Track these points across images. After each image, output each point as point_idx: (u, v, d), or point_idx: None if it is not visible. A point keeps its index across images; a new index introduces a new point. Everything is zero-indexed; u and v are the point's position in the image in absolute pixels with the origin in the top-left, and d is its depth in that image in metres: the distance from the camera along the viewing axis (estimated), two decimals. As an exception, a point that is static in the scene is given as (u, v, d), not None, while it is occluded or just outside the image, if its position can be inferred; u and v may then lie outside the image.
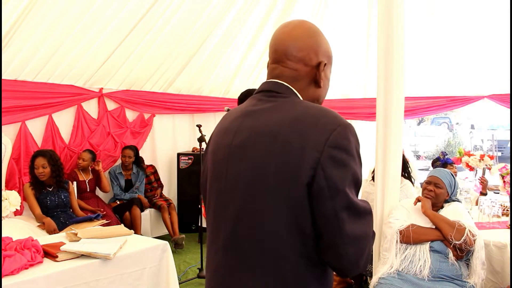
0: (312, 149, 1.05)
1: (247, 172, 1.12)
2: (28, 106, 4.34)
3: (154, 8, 4.28)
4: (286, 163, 1.06)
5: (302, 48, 1.20)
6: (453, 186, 2.90)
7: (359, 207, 1.08)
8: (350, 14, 5.76)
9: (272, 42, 1.25)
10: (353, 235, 1.06)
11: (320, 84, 1.23)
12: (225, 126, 1.23)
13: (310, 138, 1.06)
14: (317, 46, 1.22)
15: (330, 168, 1.04)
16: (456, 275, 2.58)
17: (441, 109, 6.90)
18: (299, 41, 1.21)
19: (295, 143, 1.06)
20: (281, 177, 1.06)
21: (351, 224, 1.06)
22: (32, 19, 3.65)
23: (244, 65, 6.20)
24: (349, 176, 1.06)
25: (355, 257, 1.08)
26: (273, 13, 5.44)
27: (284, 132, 1.08)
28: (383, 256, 2.81)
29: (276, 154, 1.07)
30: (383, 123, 2.96)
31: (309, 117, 1.09)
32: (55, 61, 4.29)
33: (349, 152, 1.06)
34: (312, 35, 1.23)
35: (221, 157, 1.20)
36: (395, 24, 2.86)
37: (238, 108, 1.27)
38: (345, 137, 1.06)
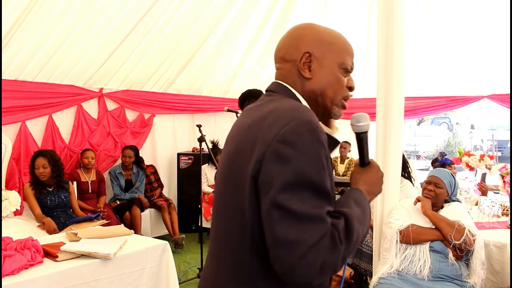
0: (262, 143, 1.02)
1: (223, 167, 1.16)
2: (28, 106, 4.34)
3: (154, 8, 4.28)
4: (242, 157, 1.07)
5: (281, 47, 1.23)
6: (453, 186, 2.90)
7: (296, 210, 0.96)
8: (350, 14, 5.76)
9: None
10: (285, 238, 0.96)
11: (305, 75, 1.18)
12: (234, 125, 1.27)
13: (263, 133, 1.03)
14: (298, 39, 1.20)
15: (270, 162, 1.00)
16: (456, 275, 2.58)
17: (441, 109, 6.92)
18: (280, 42, 1.25)
19: (253, 138, 1.05)
20: (236, 172, 1.08)
21: (283, 226, 0.96)
22: (32, 19, 3.65)
23: (244, 65, 6.21)
24: (289, 173, 0.97)
25: (288, 264, 0.96)
26: (273, 13, 5.45)
27: (252, 127, 1.08)
28: (383, 256, 2.81)
29: (241, 149, 1.08)
30: (383, 123, 2.96)
31: (275, 113, 1.06)
32: (55, 61, 4.29)
33: (297, 148, 0.98)
34: (293, 32, 1.23)
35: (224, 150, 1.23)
36: (395, 24, 2.86)
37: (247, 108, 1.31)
38: (296, 132, 1.00)
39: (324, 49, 1.19)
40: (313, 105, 1.18)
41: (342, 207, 1.07)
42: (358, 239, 1.06)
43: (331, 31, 1.23)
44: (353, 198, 1.13)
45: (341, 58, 1.20)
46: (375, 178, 1.26)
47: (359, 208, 1.09)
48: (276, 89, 1.21)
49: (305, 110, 1.07)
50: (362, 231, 1.09)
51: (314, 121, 1.03)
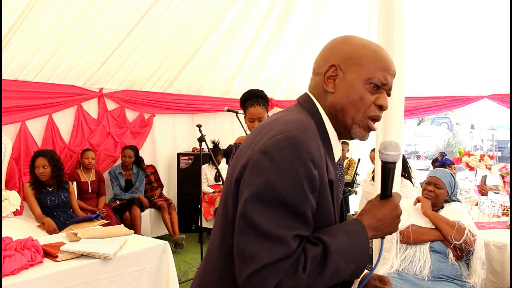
0: (251, 150, 1.02)
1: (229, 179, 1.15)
2: (28, 106, 4.34)
3: (154, 8, 4.28)
4: (239, 160, 1.07)
5: (316, 59, 1.20)
6: (453, 186, 2.90)
7: (259, 225, 0.93)
8: (350, 14, 5.76)
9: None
10: (243, 250, 0.95)
11: (328, 89, 1.13)
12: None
13: (257, 140, 1.03)
14: (329, 52, 1.16)
15: (248, 170, 0.99)
16: (456, 275, 2.58)
17: (441, 109, 6.92)
18: (321, 56, 1.20)
19: (250, 143, 1.07)
20: (231, 176, 1.08)
21: (244, 237, 0.95)
22: (32, 19, 3.65)
23: (244, 65, 6.21)
24: (260, 185, 0.95)
25: (242, 275, 0.94)
26: (273, 13, 5.45)
27: (253, 133, 1.10)
28: (383, 256, 2.81)
29: (240, 154, 1.10)
30: (383, 123, 2.95)
31: (274, 123, 1.06)
32: (55, 61, 4.29)
33: (274, 162, 0.95)
34: (328, 44, 1.20)
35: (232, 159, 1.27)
36: (395, 24, 2.85)
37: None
38: (277, 146, 0.97)
39: (351, 62, 1.12)
40: (333, 121, 1.14)
41: (324, 234, 1.00)
42: (339, 273, 0.99)
43: (368, 44, 1.16)
44: (346, 229, 1.04)
45: (369, 73, 1.11)
46: (388, 215, 1.15)
47: (347, 240, 1.01)
48: (301, 100, 1.19)
49: (300, 125, 1.03)
50: (347, 266, 1.00)
51: (301, 138, 0.98)
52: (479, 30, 5.28)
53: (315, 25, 6.00)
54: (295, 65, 6.81)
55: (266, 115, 3.00)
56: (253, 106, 2.97)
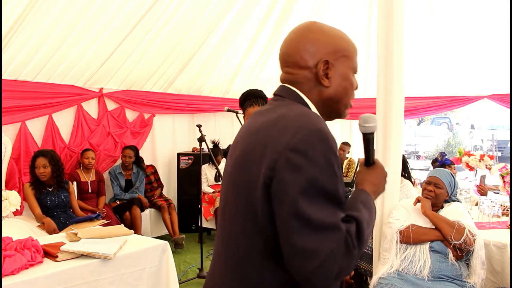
0: (273, 150, 1.02)
1: (231, 171, 1.17)
2: (28, 106, 4.34)
3: (154, 8, 4.28)
4: (252, 162, 1.07)
5: (293, 52, 1.18)
6: (453, 186, 2.90)
7: (313, 219, 0.97)
8: (350, 14, 5.76)
9: (280, 49, 1.26)
10: (303, 247, 0.97)
11: (325, 84, 1.17)
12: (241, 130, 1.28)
13: (274, 140, 1.04)
14: (312, 45, 1.17)
15: (283, 171, 1.00)
16: (456, 275, 2.58)
17: (441, 109, 6.93)
18: (290, 46, 1.20)
19: (262, 144, 1.06)
20: (246, 176, 1.08)
21: (301, 235, 0.97)
22: (32, 19, 3.65)
23: (244, 65, 6.21)
24: (302, 182, 0.98)
25: (305, 273, 0.98)
26: (273, 13, 5.45)
27: (260, 132, 1.09)
28: (383, 256, 2.81)
29: (249, 153, 1.09)
30: (383, 123, 2.96)
31: (284, 119, 1.07)
32: (55, 61, 4.29)
33: (308, 157, 0.99)
34: (306, 35, 1.18)
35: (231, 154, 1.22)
36: (395, 24, 2.86)
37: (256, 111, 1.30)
38: (307, 141, 1.00)
39: (339, 55, 1.18)
40: (326, 110, 1.22)
41: (352, 210, 1.07)
42: (367, 240, 1.09)
43: (342, 34, 1.23)
44: (361, 200, 1.14)
45: (353, 63, 1.22)
46: (380, 178, 1.29)
47: (367, 211, 1.11)
48: (284, 93, 1.20)
49: (316, 117, 1.08)
50: (369, 231, 1.11)
51: (325, 129, 1.04)
52: (479, 30, 5.28)
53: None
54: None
55: None
56: (252, 106, 2.97)
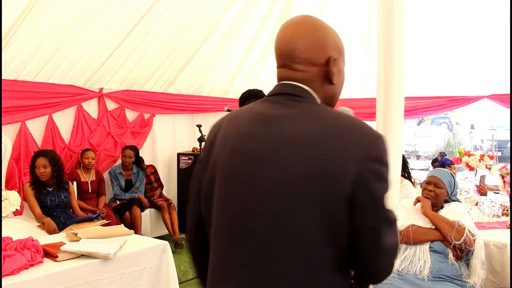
0: (354, 162, 1.01)
1: (284, 183, 1.04)
2: (28, 106, 4.34)
3: (154, 8, 4.28)
4: (326, 175, 1.01)
5: (307, 48, 1.13)
6: (453, 186, 2.90)
7: (391, 217, 1.09)
8: (350, 14, 5.76)
9: (276, 44, 1.18)
10: (390, 245, 1.08)
11: (333, 81, 1.16)
12: (241, 131, 1.13)
13: (350, 151, 1.01)
14: (324, 41, 1.14)
15: (372, 182, 1.02)
16: (456, 275, 2.58)
17: (441, 109, 6.92)
18: (303, 41, 1.13)
19: (334, 155, 1.01)
20: (320, 190, 1.01)
21: (387, 235, 1.06)
22: (32, 19, 3.65)
23: (244, 65, 6.21)
24: (386, 189, 1.06)
25: (390, 266, 1.11)
26: (273, 13, 5.45)
27: (321, 142, 1.03)
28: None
29: (315, 165, 1.02)
30: (383, 123, 2.95)
31: (345, 128, 1.05)
32: (55, 61, 4.29)
33: (387, 165, 1.06)
34: (316, 31, 1.15)
35: (245, 165, 1.09)
36: (395, 24, 2.85)
37: (249, 110, 1.18)
38: (383, 150, 1.05)
39: (339, 52, 1.19)
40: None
41: None
42: None
43: (336, 30, 1.22)
44: None
45: (344, 59, 1.22)
46: None
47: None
48: (301, 93, 1.13)
49: (364, 122, 1.10)
50: None
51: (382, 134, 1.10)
52: (479, 30, 5.28)
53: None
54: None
55: None
56: None
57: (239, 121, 1.16)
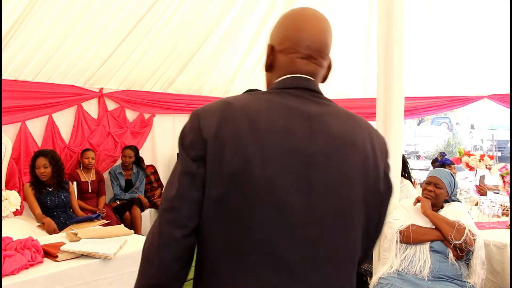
0: (381, 159, 1.11)
1: (338, 185, 1.02)
2: (28, 106, 4.33)
3: (154, 8, 4.28)
4: (367, 173, 1.07)
5: (330, 45, 1.14)
6: (453, 186, 2.90)
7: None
8: (350, 14, 5.76)
9: (304, 34, 1.09)
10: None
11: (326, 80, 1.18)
12: (280, 126, 1.01)
13: (378, 148, 1.10)
14: (331, 36, 1.15)
15: (389, 175, 1.15)
16: (456, 275, 2.58)
17: (441, 109, 6.91)
18: (330, 37, 1.13)
19: (371, 153, 1.08)
20: (365, 187, 1.07)
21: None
22: (32, 19, 3.65)
23: (244, 65, 6.21)
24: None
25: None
26: (273, 13, 5.45)
27: (360, 142, 1.07)
28: (383, 256, 2.80)
29: (359, 164, 1.05)
30: (383, 123, 2.96)
31: (370, 127, 1.13)
32: (55, 61, 4.29)
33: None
34: (328, 26, 1.14)
35: (298, 165, 1.00)
36: (395, 24, 2.86)
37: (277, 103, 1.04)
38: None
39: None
40: None
41: None
42: None
43: None
44: None
45: None
46: None
47: None
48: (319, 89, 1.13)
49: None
50: None
51: None
52: (479, 30, 5.28)
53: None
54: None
55: None
56: None
57: (271, 115, 1.01)
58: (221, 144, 0.97)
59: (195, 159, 0.99)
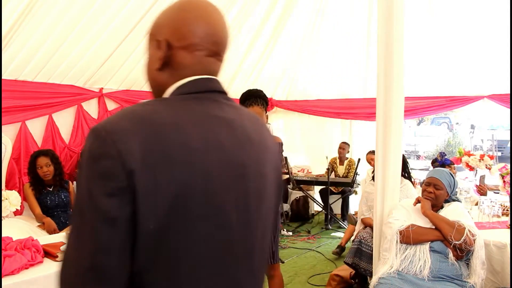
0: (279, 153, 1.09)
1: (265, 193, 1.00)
2: (28, 106, 4.34)
3: (154, 8, 4.28)
4: (277, 172, 1.07)
5: (227, 35, 1.06)
6: (452, 185, 2.90)
7: None
8: (350, 14, 5.76)
9: (210, 29, 1.00)
10: None
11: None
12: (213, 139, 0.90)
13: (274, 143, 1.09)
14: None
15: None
16: (456, 275, 2.58)
17: (441, 109, 6.92)
18: (222, 29, 1.04)
19: (276, 152, 1.07)
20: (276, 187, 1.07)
21: None
22: (32, 19, 3.65)
23: (244, 65, 6.21)
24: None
25: None
26: (273, 13, 5.45)
27: (269, 143, 1.05)
28: (383, 256, 2.81)
29: (274, 167, 1.06)
30: (383, 123, 2.96)
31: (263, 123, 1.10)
32: (55, 61, 4.29)
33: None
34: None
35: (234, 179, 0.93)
36: (395, 24, 2.86)
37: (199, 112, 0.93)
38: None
39: None
40: None
41: None
42: None
43: None
44: None
45: None
46: None
47: None
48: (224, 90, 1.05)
49: None
50: None
51: None
52: (479, 30, 5.29)
53: (315, 24, 6.01)
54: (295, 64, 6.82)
55: (265, 115, 3.00)
56: (251, 106, 2.97)
57: (198, 128, 0.89)
58: (152, 172, 0.80)
59: (114, 193, 0.78)
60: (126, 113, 0.86)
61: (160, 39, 0.99)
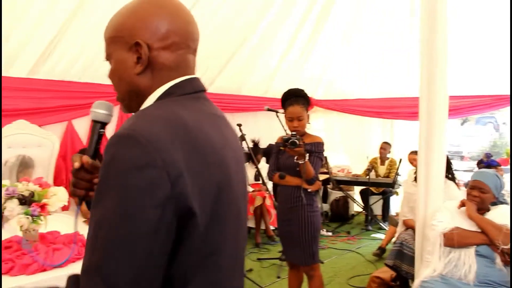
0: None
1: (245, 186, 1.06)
2: (75, 105, 4.49)
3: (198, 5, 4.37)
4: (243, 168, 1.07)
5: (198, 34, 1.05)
6: (499, 187, 2.77)
7: None
8: (391, 11, 5.66)
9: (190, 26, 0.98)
10: None
11: None
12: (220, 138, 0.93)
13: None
14: None
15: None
16: (504, 281, 2.48)
17: (486, 109, 6.68)
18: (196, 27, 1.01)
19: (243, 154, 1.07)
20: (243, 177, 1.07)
21: None
22: (80, 21, 3.79)
23: (283, 64, 6.22)
24: None
25: None
26: (313, 11, 5.44)
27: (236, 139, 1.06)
28: (426, 259, 2.74)
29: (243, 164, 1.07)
30: (426, 123, 2.89)
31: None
32: (100, 62, 4.42)
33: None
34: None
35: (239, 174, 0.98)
36: (439, 20, 2.78)
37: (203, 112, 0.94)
38: None
39: None
40: None
41: None
42: None
43: None
44: None
45: None
46: None
47: None
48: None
49: None
50: None
51: None
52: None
53: (355, 23, 5.94)
54: (335, 64, 6.79)
55: (305, 114, 2.99)
56: (291, 106, 2.97)
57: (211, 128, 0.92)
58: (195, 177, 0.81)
59: (161, 203, 0.76)
60: (153, 117, 0.84)
61: (136, 41, 0.93)
